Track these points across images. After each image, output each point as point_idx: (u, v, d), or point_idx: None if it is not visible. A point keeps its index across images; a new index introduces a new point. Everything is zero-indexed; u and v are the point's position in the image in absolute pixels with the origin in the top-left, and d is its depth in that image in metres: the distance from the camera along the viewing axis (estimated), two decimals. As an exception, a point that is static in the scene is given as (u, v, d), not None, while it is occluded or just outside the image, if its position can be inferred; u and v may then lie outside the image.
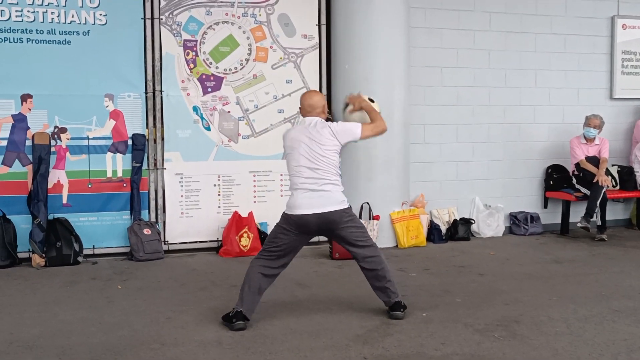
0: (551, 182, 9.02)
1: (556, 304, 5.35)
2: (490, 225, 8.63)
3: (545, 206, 9.10)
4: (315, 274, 6.55)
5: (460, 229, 8.36)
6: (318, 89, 8.07)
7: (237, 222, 7.55)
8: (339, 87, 7.99)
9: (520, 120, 8.98)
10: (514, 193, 8.97)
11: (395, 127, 7.84)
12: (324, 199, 4.81)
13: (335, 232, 4.91)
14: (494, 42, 8.77)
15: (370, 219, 7.69)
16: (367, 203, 7.75)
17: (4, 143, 7.05)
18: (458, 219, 8.45)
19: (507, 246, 8.05)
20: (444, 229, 8.40)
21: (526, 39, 8.92)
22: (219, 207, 7.82)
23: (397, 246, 7.90)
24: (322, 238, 8.01)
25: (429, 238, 8.20)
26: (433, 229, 8.26)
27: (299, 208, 4.80)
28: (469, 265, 6.95)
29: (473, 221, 8.55)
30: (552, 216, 9.05)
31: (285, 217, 4.89)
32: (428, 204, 8.39)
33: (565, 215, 8.84)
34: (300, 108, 5.06)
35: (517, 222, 8.83)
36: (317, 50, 8.09)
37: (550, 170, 9.07)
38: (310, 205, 4.78)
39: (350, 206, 5.06)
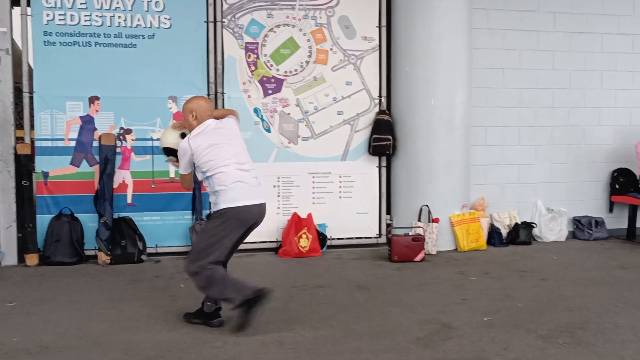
0: (617, 186, 8.79)
1: (622, 311, 5.22)
2: (552, 230, 8.47)
3: (611, 211, 8.88)
4: (375, 276, 6.54)
5: (522, 233, 8.23)
6: (378, 91, 8.08)
7: (297, 223, 7.60)
8: (398, 90, 7.98)
9: (584, 123, 8.78)
10: (577, 197, 8.78)
11: (456, 130, 7.80)
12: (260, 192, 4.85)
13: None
14: (558, 43, 8.61)
15: (429, 221, 7.64)
16: (427, 205, 7.71)
17: (73, 144, 7.26)
18: (519, 223, 8.32)
19: (571, 251, 7.88)
20: (504, 232, 8.28)
21: (592, 39, 8.72)
22: (278, 208, 7.89)
23: (456, 249, 7.83)
24: (380, 240, 8.03)
25: (489, 242, 8.10)
26: (493, 232, 8.15)
27: (243, 200, 4.69)
28: (530, 269, 6.83)
29: (535, 225, 8.40)
30: (617, 221, 8.82)
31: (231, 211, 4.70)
32: (489, 207, 8.28)
33: (632, 220, 8.60)
34: (194, 114, 4.83)
35: (581, 227, 8.63)
36: (377, 52, 8.08)
37: (616, 174, 8.85)
38: (253, 196, 4.74)
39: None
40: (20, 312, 5.17)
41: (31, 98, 7.20)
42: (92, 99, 7.29)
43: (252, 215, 4.74)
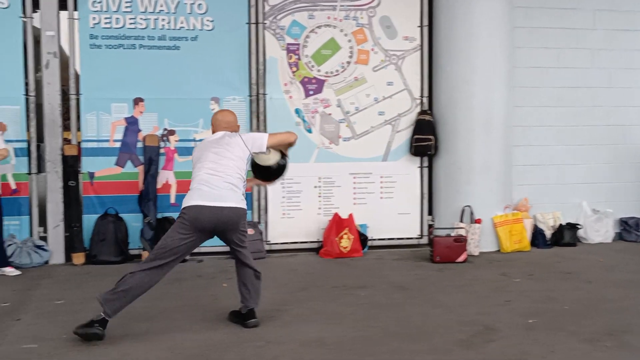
0: (664, 187, 8.61)
1: (670, 315, 5.11)
2: (598, 231, 8.33)
3: (658, 212, 8.69)
4: (416, 277, 6.51)
5: (566, 234, 8.11)
6: (419, 91, 8.05)
7: (338, 224, 7.61)
8: (440, 89, 7.94)
9: (627, 122, 8.62)
10: (623, 198, 8.61)
11: (495, 130, 7.73)
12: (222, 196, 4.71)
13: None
14: (599, 41, 8.46)
15: (471, 222, 7.58)
16: (469, 206, 7.65)
17: (118, 145, 7.40)
18: (564, 224, 8.19)
19: (616, 253, 7.75)
20: (548, 233, 8.17)
21: (634, 37, 8.57)
22: (319, 208, 7.91)
23: (499, 250, 7.75)
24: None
25: (533, 243, 8.00)
26: (537, 233, 8.05)
27: (195, 200, 4.67)
28: (575, 271, 6.73)
29: (580, 226, 8.26)
30: (666, 223, 8.62)
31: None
32: (532, 208, 8.17)
33: (681, 222, 8.41)
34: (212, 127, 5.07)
35: (628, 228, 8.47)
36: (419, 51, 8.05)
37: (662, 174, 8.66)
38: (207, 198, 4.66)
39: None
40: (67, 309, 5.29)
41: (77, 100, 7.36)
42: (137, 101, 7.41)
43: (206, 217, 4.59)
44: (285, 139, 4.99)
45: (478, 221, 7.59)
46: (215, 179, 4.69)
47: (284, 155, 5.03)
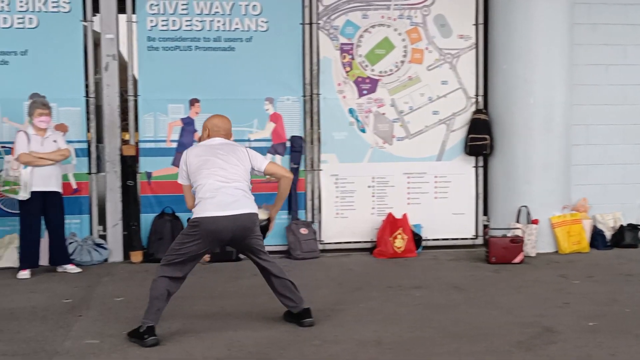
0: None
1: None
2: (661, 232, 8.09)
3: None
4: (472, 278, 6.44)
5: (627, 235, 7.90)
6: (474, 90, 7.95)
7: (392, 224, 7.58)
8: (496, 88, 7.84)
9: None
10: (688, 199, 8.34)
11: (555, 129, 7.59)
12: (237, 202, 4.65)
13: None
14: (665, 37, 8.22)
15: (528, 222, 7.45)
16: (525, 206, 7.52)
17: (174, 145, 7.51)
18: (625, 225, 7.99)
19: (681, 255, 7.52)
20: (608, 235, 7.98)
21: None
22: (373, 208, 7.89)
23: (557, 252, 7.61)
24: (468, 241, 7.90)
25: (592, 244, 7.82)
26: (596, 234, 7.88)
27: (210, 211, 4.55)
28: (637, 273, 6.57)
29: (641, 227, 8.06)
30: None
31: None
32: (591, 209, 7.99)
33: None
34: (207, 132, 4.88)
35: (693, 230, 8.21)
36: (474, 50, 7.96)
37: None
38: (222, 208, 4.57)
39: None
40: (127, 306, 5.40)
41: (135, 101, 7.50)
42: (193, 102, 7.52)
43: (222, 227, 4.53)
44: (282, 173, 4.94)
45: (535, 221, 7.45)
46: (227, 187, 4.58)
47: (269, 220, 4.94)
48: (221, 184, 4.58)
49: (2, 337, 4.59)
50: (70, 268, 6.81)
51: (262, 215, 4.89)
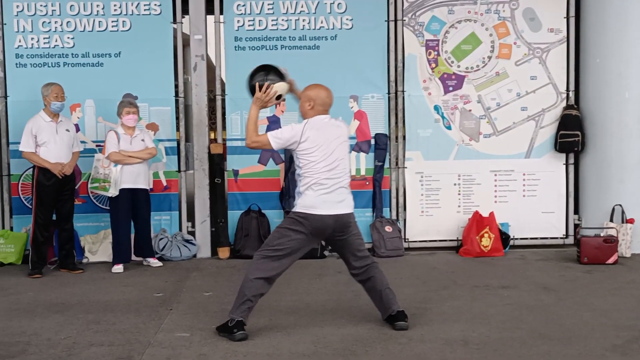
0: None
1: None
2: None
3: None
4: (562, 278, 6.25)
5: None
6: (565, 85, 7.72)
7: (478, 222, 7.45)
8: (588, 83, 7.59)
9: None
10: None
11: (651, 124, 7.28)
12: (344, 201, 4.56)
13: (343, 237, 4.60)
14: None
15: (623, 222, 7.17)
16: (620, 205, 7.25)
17: (260, 143, 7.61)
18: None
19: None
20: None
21: None
22: (459, 206, 7.79)
23: (654, 252, 7.30)
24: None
25: (694, 245, 7.46)
26: (698, 235, 7.50)
27: (319, 208, 4.48)
28: None
29: None
30: None
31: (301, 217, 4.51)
32: (691, 208, 7.62)
33: None
34: (311, 103, 4.63)
35: None
36: (565, 44, 7.73)
37: None
38: (331, 207, 4.49)
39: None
40: (216, 301, 5.52)
41: (223, 101, 7.66)
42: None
43: (326, 225, 4.49)
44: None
45: (630, 221, 7.16)
46: (336, 182, 4.51)
47: (280, 97, 4.78)
48: (334, 181, 4.52)
49: (99, 328, 4.79)
50: (153, 262, 7.03)
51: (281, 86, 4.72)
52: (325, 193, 4.49)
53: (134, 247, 7.06)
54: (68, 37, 7.47)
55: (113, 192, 6.74)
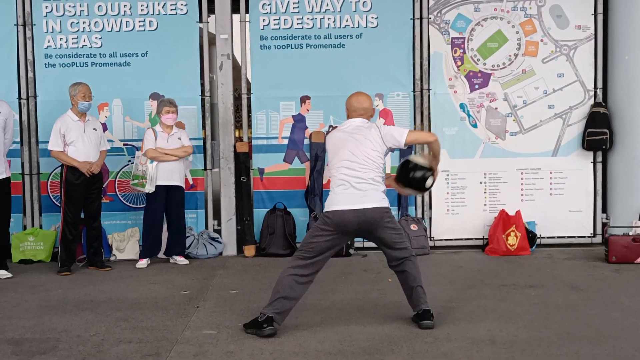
0: None
1: None
2: None
3: None
4: (591, 278, 6.19)
5: None
6: (592, 83, 7.64)
7: (504, 221, 7.40)
8: (616, 80, 7.50)
9: None
10: None
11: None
12: (365, 196, 4.58)
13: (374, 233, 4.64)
14: None
15: (652, 221, 7.10)
16: (649, 204, 7.17)
17: (286, 142, 7.65)
18: None
19: None
20: None
21: None
22: (484, 204, 7.75)
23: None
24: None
25: None
26: None
27: (338, 204, 4.57)
28: None
29: None
30: None
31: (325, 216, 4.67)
32: None
33: None
34: (347, 111, 4.90)
35: None
36: (593, 41, 7.64)
37: None
38: (350, 201, 4.54)
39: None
40: (242, 299, 5.55)
41: (248, 99, 7.69)
42: (304, 99, 7.62)
43: (348, 220, 4.55)
44: (425, 138, 4.85)
45: (662, 220, 7.09)
46: (355, 178, 4.59)
47: (431, 171, 4.71)
48: (350, 172, 4.60)
49: (128, 325, 4.84)
50: (180, 260, 7.09)
51: (421, 160, 4.72)
52: (344, 189, 4.61)
53: (166, 245, 7.13)
54: (96, 37, 7.55)
55: (149, 189, 6.86)
